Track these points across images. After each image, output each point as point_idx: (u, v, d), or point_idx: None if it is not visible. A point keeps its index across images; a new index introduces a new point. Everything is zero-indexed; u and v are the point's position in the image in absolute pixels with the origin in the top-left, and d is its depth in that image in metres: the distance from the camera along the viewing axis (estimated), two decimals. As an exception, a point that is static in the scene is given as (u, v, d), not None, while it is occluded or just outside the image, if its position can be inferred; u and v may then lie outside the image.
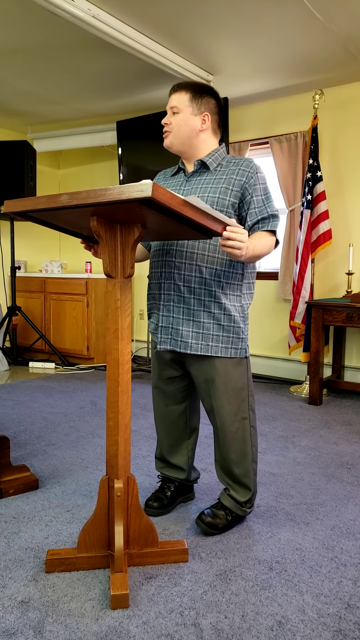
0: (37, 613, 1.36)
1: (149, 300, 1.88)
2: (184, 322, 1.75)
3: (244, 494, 1.79)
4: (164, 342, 1.79)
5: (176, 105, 1.77)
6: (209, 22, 3.00)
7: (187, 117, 1.76)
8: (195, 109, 1.76)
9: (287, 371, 4.31)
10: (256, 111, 4.35)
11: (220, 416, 1.76)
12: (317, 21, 2.95)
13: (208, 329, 1.73)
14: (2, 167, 4.57)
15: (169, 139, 1.80)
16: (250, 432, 1.79)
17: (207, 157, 1.78)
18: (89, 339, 4.69)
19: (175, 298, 1.76)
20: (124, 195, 1.22)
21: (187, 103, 1.76)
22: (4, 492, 2.03)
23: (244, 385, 1.78)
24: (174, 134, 1.78)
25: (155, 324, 1.84)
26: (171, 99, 1.80)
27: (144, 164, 4.54)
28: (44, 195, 1.35)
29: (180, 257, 1.74)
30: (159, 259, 1.80)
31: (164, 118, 1.82)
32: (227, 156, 1.82)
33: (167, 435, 1.95)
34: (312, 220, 3.75)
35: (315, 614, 1.37)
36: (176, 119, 1.77)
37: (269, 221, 1.73)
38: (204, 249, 1.71)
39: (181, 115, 1.76)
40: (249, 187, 1.72)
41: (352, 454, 2.56)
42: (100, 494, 1.55)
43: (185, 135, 1.77)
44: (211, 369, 1.75)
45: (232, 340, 1.74)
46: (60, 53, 3.43)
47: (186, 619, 1.34)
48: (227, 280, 1.74)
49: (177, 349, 1.76)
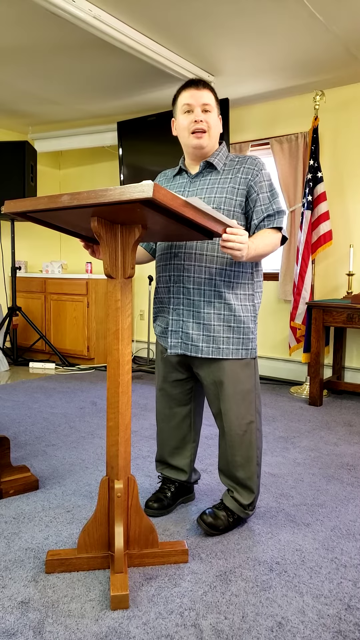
0: (37, 614, 1.36)
1: (155, 304, 1.86)
2: (193, 325, 1.73)
3: (247, 497, 1.79)
4: (174, 346, 1.77)
5: (210, 102, 1.71)
6: (210, 23, 3.00)
7: (216, 118, 1.74)
8: (218, 110, 1.75)
9: (288, 372, 4.31)
10: (257, 112, 4.35)
11: (228, 419, 1.75)
12: (318, 22, 2.95)
13: (218, 331, 1.71)
14: (3, 167, 4.57)
15: (204, 139, 1.72)
16: (256, 435, 1.78)
17: (212, 157, 1.75)
18: (89, 339, 4.69)
19: (185, 301, 1.74)
20: (125, 195, 1.22)
21: (215, 103, 1.73)
22: (4, 492, 2.03)
23: (252, 388, 1.77)
24: (210, 134, 1.72)
25: (163, 327, 1.83)
26: (200, 94, 1.69)
27: (144, 164, 4.54)
28: (44, 195, 1.35)
29: (189, 260, 1.71)
30: (167, 263, 1.77)
31: (197, 115, 1.69)
32: (230, 155, 1.79)
33: (171, 437, 1.94)
34: (312, 221, 3.75)
35: (315, 615, 1.37)
36: (211, 118, 1.72)
37: (274, 218, 1.72)
38: (212, 250, 1.69)
39: (213, 114, 1.73)
40: (255, 184, 1.70)
41: (352, 455, 2.56)
42: (101, 494, 1.55)
43: (216, 137, 1.75)
44: (220, 372, 1.74)
45: (242, 341, 1.73)
46: (61, 54, 3.43)
47: (186, 620, 1.34)
48: (237, 280, 1.72)
49: (188, 353, 1.75)
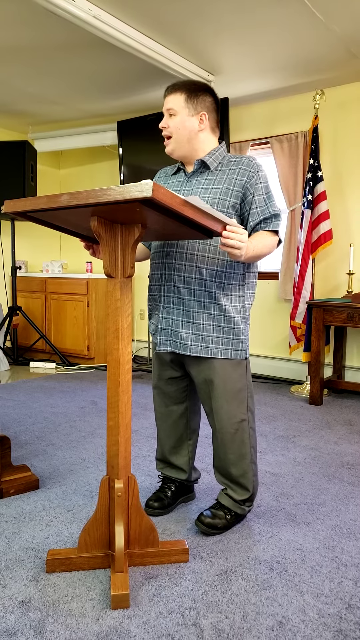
0: (37, 613, 1.36)
1: (149, 302, 1.87)
2: (183, 324, 1.74)
3: (241, 494, 1.79)
4: (164, 343, 1.78)
5: (172, 107, 1.72)
6: (209, 22, 3.00)
7: (184, 119, 1.72)
8: (192, 110, 1.71)
9: (288, 371, 4.31)
10: (257, 111, 4.35)
11: (219, 417, 1.75)
12: (318, 21, 2.95)
13: (207, 330, 1.72)
14: (3, 167, 4.57)
15: (170, 146, 1.76)
16: (249, 433, 1.79)
17: (208, 156, 1.75)
18: (90, 339, 4.69)
19: (175, 300, 1.75)
20: (125, 195, 1.21)
21: (183, 104, 1.71)
22: (4, 492, 2.03)
23: (243, 387, 1.77)
24: (174, 139, 1.74)
25: (155, 325, 1.84)
26: (166, 100, 1.74)
27: (144, 163, 4.54)
28: (44, 195, 1.35)
29: (181, 259, 1.72)
30: (159, 261, 1.78)
31: (161, 122, 1.76)
32: (227, 155, 1.78)
33: (168, 436, 1.94)
34: (312, 220, 3.75)
35: (315, 614, 1.37)
36: (173, 121, 1.73)
37: (271, 221, 1.71)
38: (204, 250, 1.70)
39: (178, 117, 1.72)
40: (250, 186, 1.69)
41: (352, 454, 2.56)
42: (101, 494, 1.55)
43: (184, 138, 1.73)
44: (210, 370, 1.74)
45: (232, 342, 1.74)
46: (61, 53, 3.43)
47: (187, 619, 1.34)
48: (228, 281, 1.72)
49: (177, 351, 1.76)
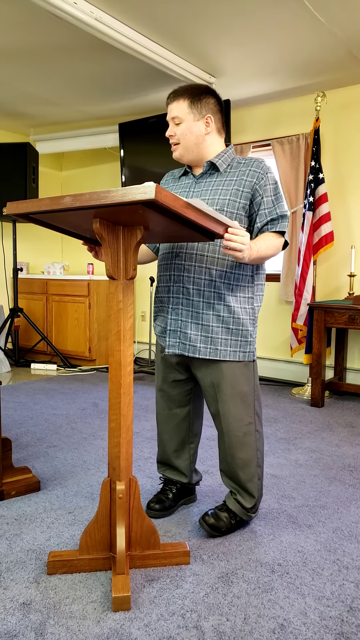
0: (38, 615, 1.36)
1: (156, 304, 1.86)
2: (192, 325, 1.73)
3: (249, 500, 1.78)
4: (173, 346, 1.77)
5: (177, 114, 1.73)
6: (211, 25, 3.00)
7: (191, 125, 1.73)
8: (197, 114, 1.72)
9: (289, 373, 4.30)
10: (258, 113, 4.35)
11: (226, 420, 1.75)
12: (320, 23, 2.95)
13: (216, 332, 1.72)
14: (5, 168, 4.58)
15: (178, 151, 1.77)
16: (255, 436, 1.78)
17: (217, 158, 1.75)
18: (91, 340, 4.69)
19: (184, 301, 1.74)
20: (127, 197, 1.22)
21: (188, 110, 1.72)
22: (5, 493, 2.03)
23: (250, 390, 1.77)
24: (182, 145, 1.75)
25: (162, 327, 1.83)
26: (170, 108, 1.75)
27: (146, 165, 4.55)
28: (46, 197, 1.35)
29: (190, 260, 1.72)
30: (168, 262, 1.78)
31: (167, 130, 1.77)
32: (236, 157, 1.79)
33: (170, 439, 1.94)
34: (314, 222, 3.75)
35: (317, 617, 1.37)
36: (180, 129, 1.74)
37: (278, 222, 1.72)
38: (214, 252, 1.70)
39: (184, 124, 1.73)
40: (259, 188, 1.70)
41: (354, 456, 2.56)
42: (102, 495, 1.55)
43: (192, 143, 1.74)
44: (218, 373, 1.74)
45: (240, 344, 1.73)
46: (63, 55, 3.44)
47: (188, 622, 1.34)
48: (237, 283, 1.72)
49: (186, 353, 1.75)
